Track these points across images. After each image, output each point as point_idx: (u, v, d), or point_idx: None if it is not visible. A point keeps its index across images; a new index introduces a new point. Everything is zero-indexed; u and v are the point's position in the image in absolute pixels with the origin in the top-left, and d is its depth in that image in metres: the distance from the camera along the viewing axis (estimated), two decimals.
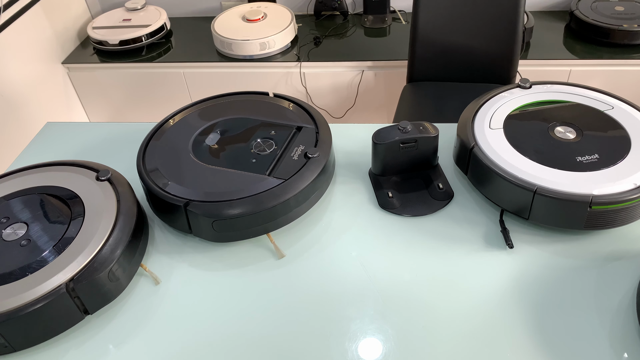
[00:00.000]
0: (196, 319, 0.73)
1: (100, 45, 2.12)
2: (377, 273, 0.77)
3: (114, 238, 0.74)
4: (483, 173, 0.83)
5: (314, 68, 1.99)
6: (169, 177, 0.83)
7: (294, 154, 0.86)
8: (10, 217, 0.79)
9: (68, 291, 0.68)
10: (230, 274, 0.79)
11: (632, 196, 0.74)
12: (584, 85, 0.97)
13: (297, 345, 0.69)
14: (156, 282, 0.78)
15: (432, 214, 0.86)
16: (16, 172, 0.88)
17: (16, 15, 1.89)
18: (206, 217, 0.78)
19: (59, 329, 0.70)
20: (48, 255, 0.72)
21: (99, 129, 1.11)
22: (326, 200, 0.90)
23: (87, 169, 0.86)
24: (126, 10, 2.24)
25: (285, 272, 0.79)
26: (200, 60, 2.05)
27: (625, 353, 0.66)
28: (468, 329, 0.70)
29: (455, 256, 0.79)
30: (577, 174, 0.78)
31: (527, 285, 0.74)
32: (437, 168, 0.93)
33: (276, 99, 1.00)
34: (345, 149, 1.00)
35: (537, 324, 0.69)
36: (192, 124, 0.94)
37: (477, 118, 0.91)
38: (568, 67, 1.89)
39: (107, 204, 0.79)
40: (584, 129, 0.86)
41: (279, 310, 0.74)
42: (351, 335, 0.70)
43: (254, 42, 1.98)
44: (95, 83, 2.17)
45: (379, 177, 0.92)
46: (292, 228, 0.85)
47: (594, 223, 0.77)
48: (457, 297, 0.73)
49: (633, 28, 1.84)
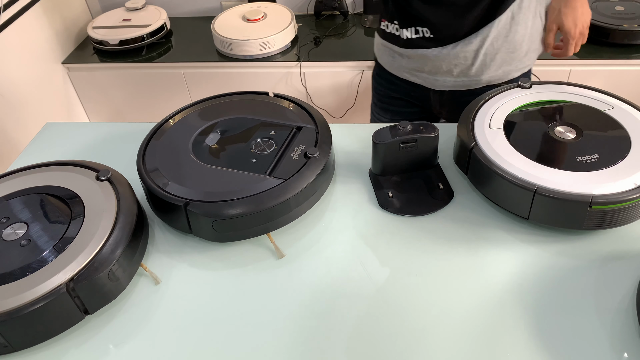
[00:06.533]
0: (196, 319, 0.73)
1: (100, 45, 2.12)
2: (377, 273, 0.77)
3: (114, 238, 0.74)
4: (483, 173, 0.83)
5: (314, 68, 1.99)
6: (169, 177, 0.83)
7: (294, 154, 0.86)
8: (10, 217, 0.79)
9: (68, 291, 0.68)
10: (230, 273, 0.79)
11: (632, 196, 0.74)
12: (584, 85, 0.97)
13: (297, 345, 0.69)
14: (156, 282, 0.78)
15: (432, 214, 0.86)
16: (16, 172, 0.88)
17: (16, 15, 1.89)
18: (206, 217, 0.78)
19: (59, 329, 0.70)
20: (48, 255, 0.72)
21: (99, 129, 1.11)
22: (326, 200, 0.90)
23: (87, 169, 0.86)
24: (126, 10, 2.24)
25: (285, 272, 0.79)
26: (200, 60, 2.05)
27: (625, 353, 0.66)
28: (468, 329, 0.70)
29: (455, 256, 0.79)
30: (577, 174, 0.78)
31: (527, 285, 0.74)
32: (437, 168, 0.93)
33: (276, 99, 1.00)
34: (345, 149, 1.00)
35: (537, 324, 0.69)
36: (192, 124, 0.94)
37: (477, 118, 0.91)
38: (568, 67, 1.89)
39: (107, 204, 0.79)
40: (584, 129, 0.86)
41: (279, 310, 0.74)
42: (351, 335, 0.70)
43: (254, 42, 1.98)
44: (95, 83, 2.17)
45: (379, 177, 0.92)
46: (292, 228, 0.85)
47: (594, 223, 0.77)
48: (457, 297, 0.73)
49: (633, 28, 1.84)
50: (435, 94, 1.18)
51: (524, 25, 1.08)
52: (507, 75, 1.14)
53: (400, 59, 1.17)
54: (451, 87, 1.15)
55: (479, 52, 1.08)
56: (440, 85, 1.15)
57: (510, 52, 1.10)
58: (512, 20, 1.06)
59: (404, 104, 1.28)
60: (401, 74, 1.20)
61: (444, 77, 1.13)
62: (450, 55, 1.09)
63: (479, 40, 1.06)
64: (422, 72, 1.15)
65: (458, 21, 1.05)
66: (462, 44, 1.07)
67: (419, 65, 1.14)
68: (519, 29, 1.08)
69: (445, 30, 1.06)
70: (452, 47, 1.07)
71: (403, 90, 1.24)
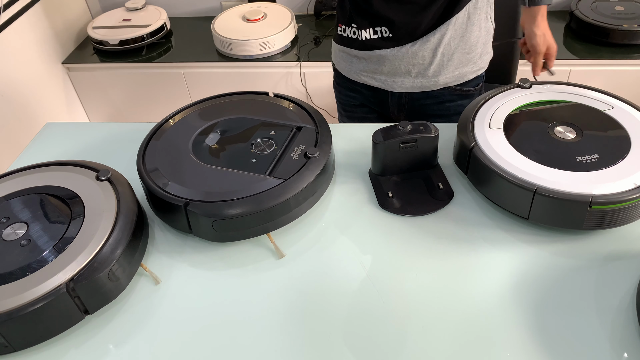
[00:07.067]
0: (196, 319, 0.73)
1: (100, 45, 2.12)
2: (377, 273, 0.77)
3: (114, 238, 0.74)
4: (483, 173, 0.83)
5: (314, 68, 1.99)
6: (169, 177, 0.83)
7: (293, 154, 0.86)
8: (10, 217, 0.79)
9: (68, 291, 0.68)
10: (230, 273, 0.79)
11: (632, 196, 0.74)
12: (584, 85, 0.97)
13: (296, 345, 0.69)
14: (156, 282, 0.78)
15: (432, 214, 0.86)
16: (16, 172, 0.88)
17: (16, 15, 1.89)
18: (206, 217, 0.78)
19: (59, 329, 0.70)
20: (48, 255, 0.72)
21: (99, 129, 1.11)
22: (326, 200, 0.90)
23: (87, 169, 0.86)
24: (126, 10, 2.24)
25: (285, 272, 0.79)
26: (200, 60, 2.05)
27: (625, 353, 0.66)
28: (468, 329, 0.70)
29: (455, 256, 0.79)
30: (577, 173, 0.78)
31: (527, 285, 0.74)
32: (437, 168, 0.93)
33: (276, 99, 1.00)
34: (345, 149, 1.00)
35: (537, 324, 0.69)
36: (192, 124, 0.94)
37: (477, 118, 0.91)
38: (568, 67, 1.89)
39: (107, 204, 0.79)
40: (584, 128, 0.86)
41: (279, 310, 0.74)
42: (351, 335, 0.70)
43: (254, 42, 1.98)
44: (95, 83, 2.17)
45: (379, 177, 0.92)
46: (292, 228, 0.85)
47: (594, 223, 0.77)
48: (456, 297, 0.73)
49: (633, 28, 1.84)
50: (394, 96, 1.19)
51: (478, 26, 1.10)
52: (463, 77, 1.16)
53: (358, 63, 1.17)
54: (409, 89, 1.16)
55: (436, 51, 1.09)
56: (398, 86, 1.16)
57: (466, 52, 1.12)
58: (468, 20, 1.08)
59: (366, 110, 1.29)
60: (359, 79, 1.20)
61: (402, 78, 1.14)
62: (409, 54, 1.10)
63: (437, 38, 1.08)
64: (380, 74, 1.16)
65: (417, 18, 1.06)
66: (420, 42, 1.08)
67: (377, 67, 1.15)
68: (474, 30, 1.10)
69: (404, 28, 1.07)
70: (410, 46, 1.08)
71: (362, 95, 1.25)
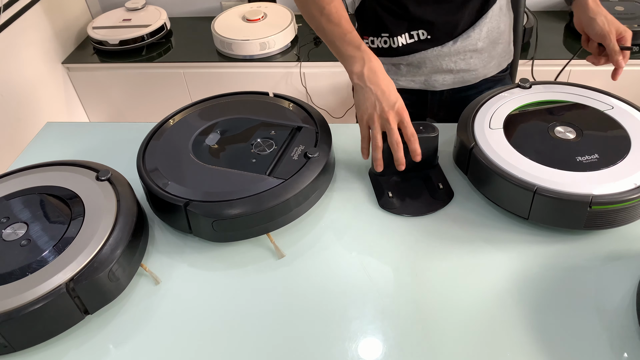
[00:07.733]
0: (196, 319, 0.73)
1: (100, 45, 2.11)
2: (377, 273, 0.77)
3: (114, 238, 0.74)
4: (483, 173, 0.83)
5: (314, 68, 1.99)
6: (169, 177, 0.83)
7: (293, 154, 0.86)
8: (10, 217, 0.79)
9: (68, 291, 0.68)
10: (230, 274, 0.79)
11: (632, 196, 0.74)
12: (584, 85, 0.97)
13: (297, 345, 0.69)
14: (156, 282, 0.78)
15: (432, 214, 0.86)
16: (16, 172, 0.88)
17: (16, 15, 1.89)
18: (206, 217, 0.78)
19: (59, 329, 0.70)
20: (48, 255, 0.72)
21: (99, 129, 1.11)
22: (326, 200, 0.90)
23: (87, 169, 0.86)
24: (126, 10, 2.24)
25: (285, 272, 0.79)
26: (200, 60, 2.05)
27: (625, 353, 0.66)
28: (468, 329, 0.70)
29: (455, 256, 0.79)
30: (577, 173, 0.78)
31: (527, 285, 0.74)
32: (437, 168, 0.93)
33: (276, 99, 1.00)
34: (345, 149, 1.00)
35: (537, 324, 0.69)
36: (192, 124, 0.94)
37: (477, 118, 0.91)
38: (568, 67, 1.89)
39: (107, 204, 0.79)
40: (584, 129, 0.86)
41: (279, 310, 0.74)
42: (351, 336, 0.70)
43: (254, 42, 1.98)
44: (95, 83, 2.17)
45: (379, 177, 0.92)
46: (292, 228, 0.85)
47: (594, 223, 0.77)
48: (456, 297, 0.73)
49: (633, 28, 1.84)
50: (435, 95, 1.18)
51: (508, 15, 1.12)
52: (499, 66, 1.16)
53: (395, 70, 1.15)
54: (451, 85, 1.15)
55: (477, 45, 1.09)
56: (440, 84, 1.15)
57: (501, 43, 1.13)
58: (500, 10, 1.09)
59: None
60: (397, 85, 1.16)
61: (444, 75, 1.13)
62: (451, 52, 1.09)
63: (477, 33, 1.08)
64: (420, 75, 1.14)
65: (456, 16, 1.05)
66: (461, 39, 1.08)
67: (416, 69, 1.14)
68: (505, 19, 1.12)
69: (443, 28, 1.07)
70: (452, 44, 1.08)
71: None
